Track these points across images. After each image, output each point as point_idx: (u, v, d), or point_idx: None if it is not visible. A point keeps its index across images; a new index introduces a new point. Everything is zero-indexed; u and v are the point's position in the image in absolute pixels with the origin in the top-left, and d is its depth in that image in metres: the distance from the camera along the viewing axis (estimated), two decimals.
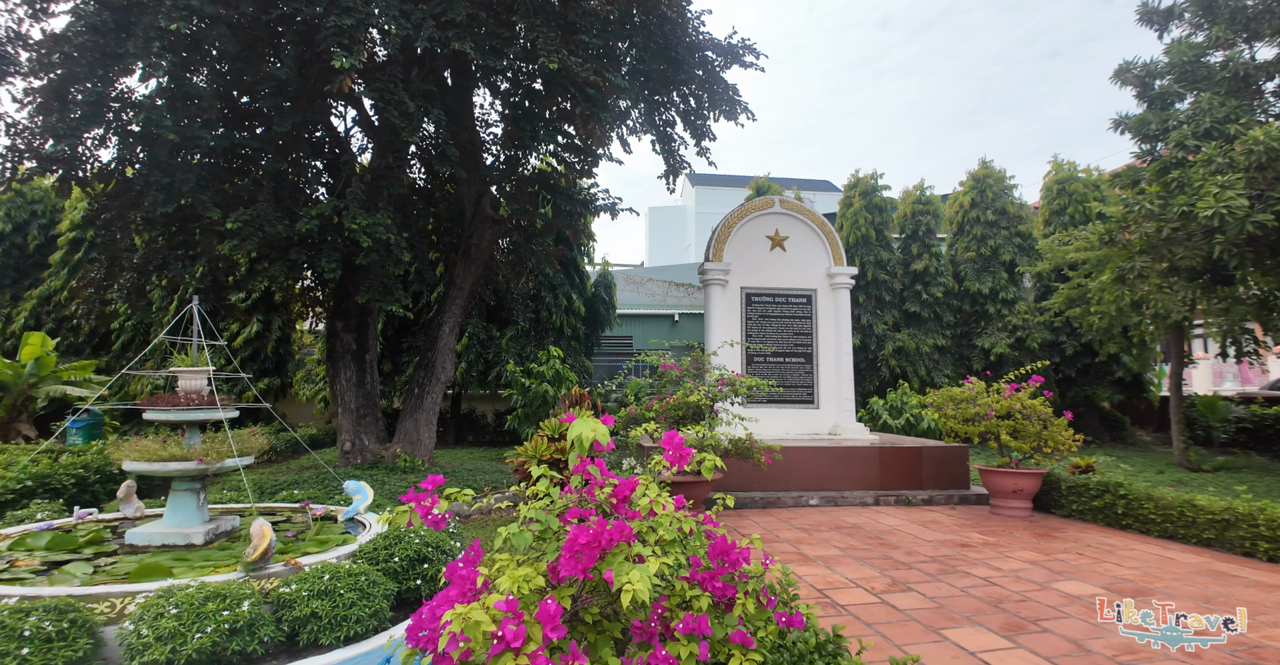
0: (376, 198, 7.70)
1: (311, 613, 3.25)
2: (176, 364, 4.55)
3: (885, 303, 17.52)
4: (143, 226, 7.96)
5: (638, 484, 2.55)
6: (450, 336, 10.21)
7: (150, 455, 4.09)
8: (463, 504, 8.14)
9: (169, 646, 2.80)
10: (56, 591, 3.11)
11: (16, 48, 8.53)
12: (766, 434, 8.89)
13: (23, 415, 12.54)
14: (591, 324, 17.64)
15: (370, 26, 6.83)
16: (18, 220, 16.98)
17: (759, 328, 10.64)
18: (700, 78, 10.11)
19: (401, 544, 4.01)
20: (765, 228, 10.84)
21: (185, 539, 4.13)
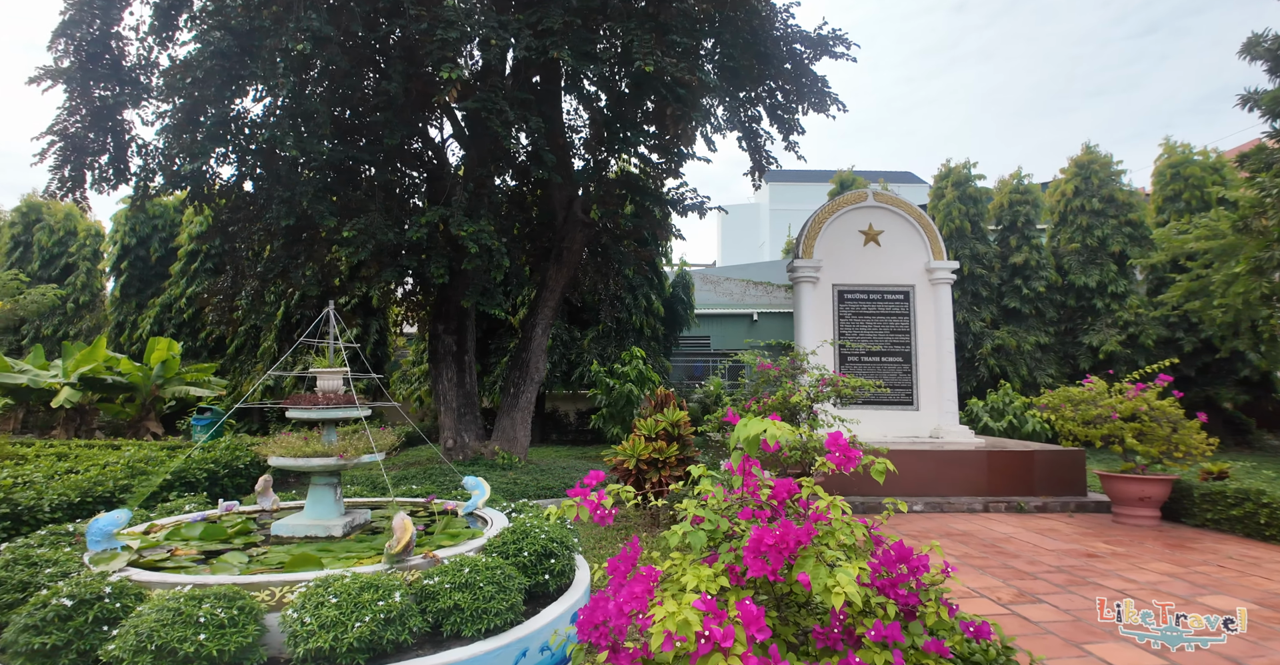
0: (479, 205, 7.93)
1: (454, 605, 3.33)
2: (315, 365, 4.79)
3: (982, 298, 16.73)
4: (264, 237, 8.48)
5: (796, 487, 2.49)
6: (542, 338, 10.41)
7: (295, 451, 4.33)
8: None
9: (331, 634, 2.93)
10: (221, 580, 3.31)
11: (149, 74, 9.27)
12: (862, 436, 8.60)
13: (151, 414, 13.62)
14: (670, 324, 17.64)
15: (473, 39, 7.03)
16: (141, 234, 18.43)
17: (852, 326, 10.34)
18: (788, 71, 9.92)
19: (528, 539, 4.08)
20: (858, 222, 10.52)
21: (325, 531, 4.34)
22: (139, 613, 2.94)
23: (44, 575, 3.44)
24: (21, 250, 19.94)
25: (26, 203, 20.36)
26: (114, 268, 18.19)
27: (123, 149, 9.32)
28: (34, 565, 3.52)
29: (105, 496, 6.29)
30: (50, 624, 2.93)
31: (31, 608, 3.00)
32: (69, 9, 8.30)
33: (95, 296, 19.33)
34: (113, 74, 8.82)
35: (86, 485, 6.15)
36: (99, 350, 12.53)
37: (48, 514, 5.65)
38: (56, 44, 8.32)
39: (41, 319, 18.44)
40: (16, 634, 2.92)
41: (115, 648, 2.79)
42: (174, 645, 2.77)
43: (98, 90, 8.83)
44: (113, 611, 3.05)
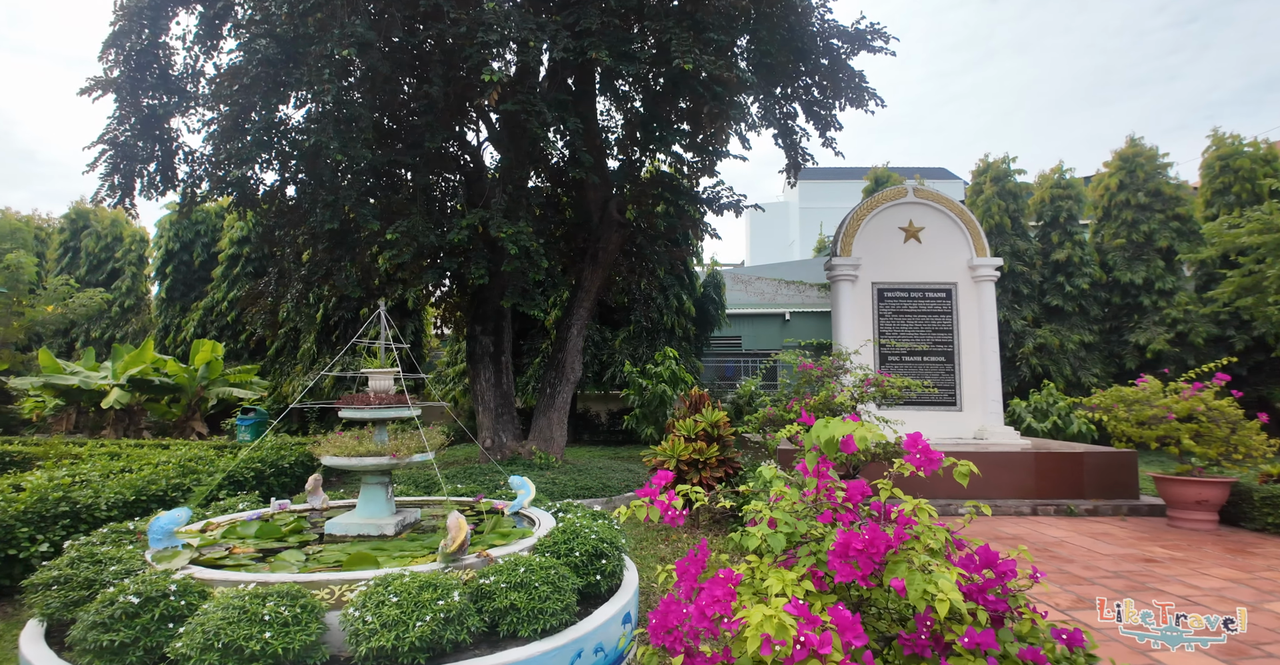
0: (517, 207, 7.95)
1: (510, 604, 3.32)
2: (366, 366, 4.82)
3: (1023, 296, 16.34)
4: (309, 241, 8.62)
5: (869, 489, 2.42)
6: (578, 338, 10.41)
7: (349, 451, 4.36)
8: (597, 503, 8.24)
9: (393, 633, 2.93)
10: (283, 578, 3.33)
11: (195, 83, 9.48)
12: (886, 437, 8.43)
13: (196, 414, 13.94)
14: (701, 324, 17.53)
15: (511, 41, 7.05)
16: (184, 239, 18.90)
17: (893, 325, 10.16)
18: (825, 67, 9.80)
19: (579, 539, 4.05)
20: (897, 219, 10.33)
21: (378, 530, 4.37)
22: (205, 610, 2.97)
23: (108, 572, 3.50)
24: (70, 256, 20.61)
25: (75, 210, 21.03)
26: (159, 272, 18.69)
27: (170, 156, 9.56)
28: (98, 563, 3.59)
29: (159, 495, 6.43)
30: (118, 621, 2.98)
31: (99, 605, 3.05)
32: (118, 20, 8.53)
33: (140, 300, 19.87)
34: (160, 83, 9.05)
35: (141, 484, 6.29)
36: (147, 352, 12.87)
37: (105, 512, 5.79)
38: (107, 54, 8.56)
39: (90, 322, 19.02)
40: (85, 631, 2.97)
41: (183, 645, 2.83)
42: (240, 643, 2.79)
43: (146, 99, 9.06)
44: (178, 609, 3.09)
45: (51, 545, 5.26)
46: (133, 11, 8.35)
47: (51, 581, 3.49)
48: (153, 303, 19.39)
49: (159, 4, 8.54)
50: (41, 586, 3.50)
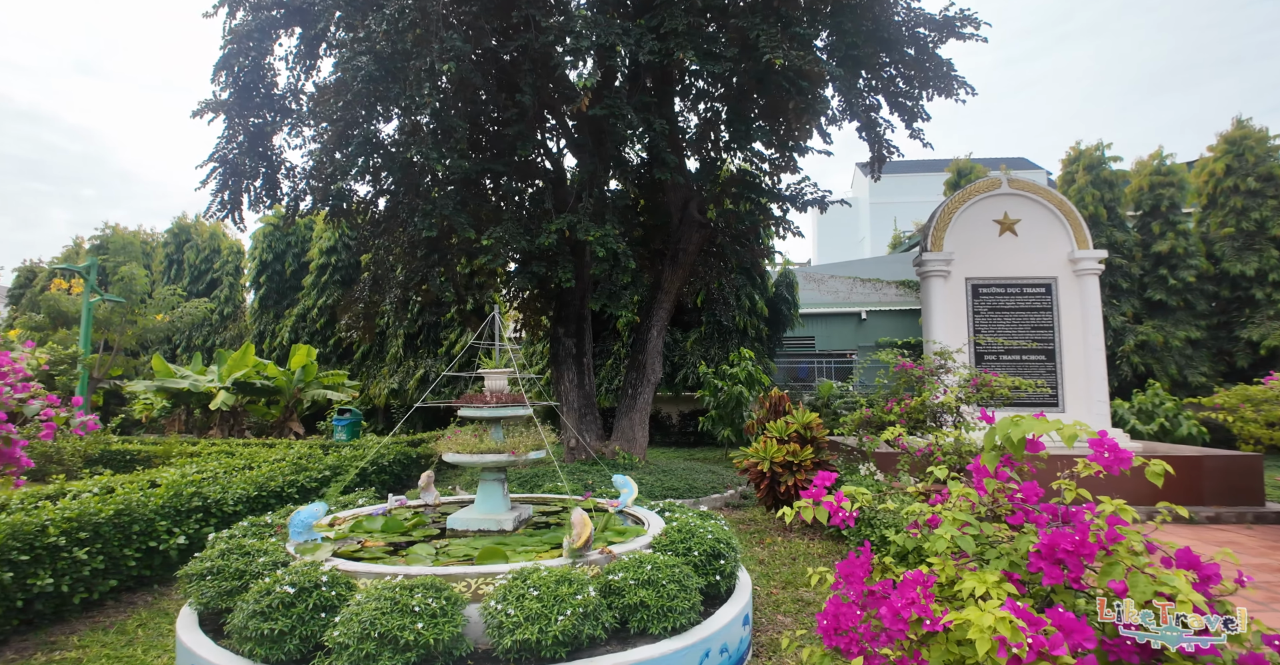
0: (603, 210, 8.03)
1: (640, 601, 3.33)
2: (484, 367, 4.96)
3: (1122, 290, 15.43)
4: (407, 249, 8.94)
5: (1041, 490, 2.31)
6: (658, 339, 10.42)
7: (470, 448, 4.49)
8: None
9: (536, 627, 2.99)
10: (424, 571, 3.45)
11: (296, 100, 9.97)
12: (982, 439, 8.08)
13: (293, 415, 14.67)
14: (773, 325, 17.29)
15: (600, 46, 7.12)
16: (277, 250, 19.94)
17: (988, 322, 9.75)
18: (911, 57, 9.51)
19: (695, 538, 4.04)
20: (991, 211, 9.92)
21: (497, 525, 4.48)
22: (357, 601, 3.09)
23: (257, 564, 3.70)
24: (174, 268, 22.05)
25: (177, 224, 22.49)
26: (254, 282, 19.77)
27: (274, 172, 10.09)
28: (247, 554, 3.80)
29: (277, 490, 6.79)
30: (275, 610, 3.14)
31: (257, 595, 3.22)
32: (228, 43, 9.07)
33: (237, 308, 21.07)
34: (265, 102, 9.57)
35: (261, 480, 6.65)
36: (248, 357, 13.63)
37: (232, 507, 6.14)
38: (219, 77, 9.10)
39: (191, 329, 20.28)
40: (246, 619, 3.14)
41: (340, 634, 2.95)
42: (395, 633, 2.89)
43: (252, 118, 9.59)
44: (329, 599, 3.23)
45: (187, 538, 5.62)
46: (242, 35, 8.86)
47: (205, 572, 3.71)
48: (248, 310, 20.52)
49: (265, 26, 9.03)
50: (196, 577, 3.73)
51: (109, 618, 4.97)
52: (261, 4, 9.24)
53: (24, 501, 5.06)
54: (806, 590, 5.67)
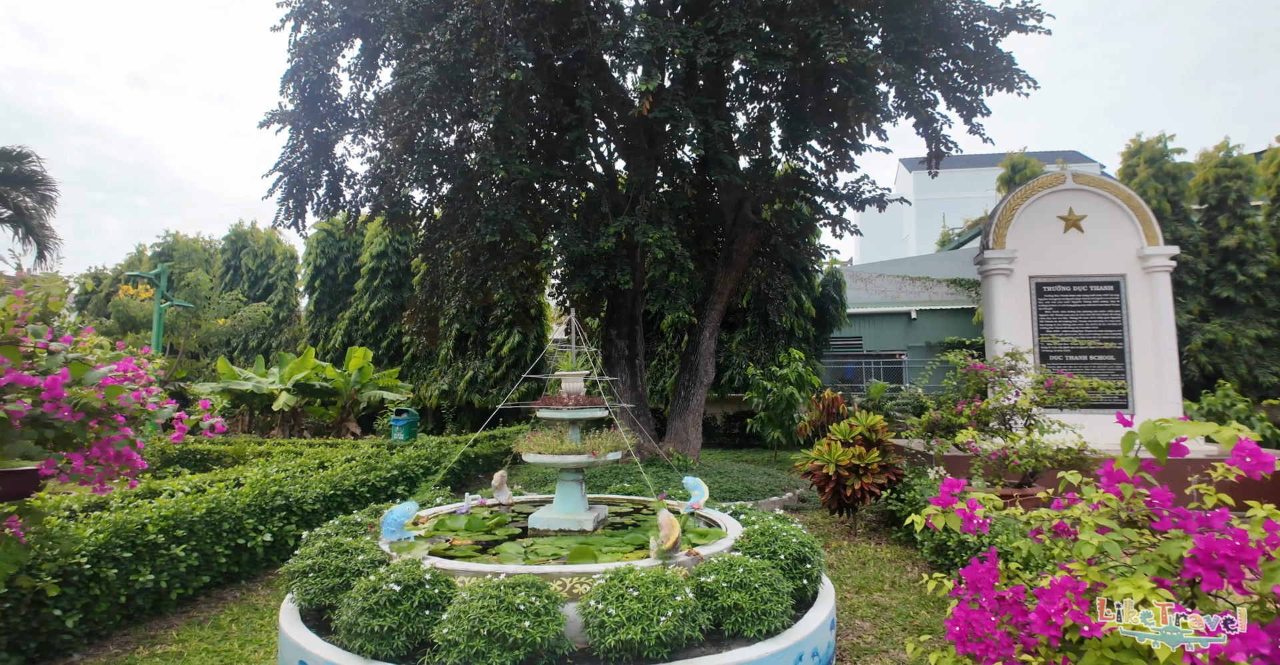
0: (660, 213, 8.06)
1: (734, 604, 3.34)
2: (561, 369, 5.03)
3: (1188, 287, 14.86)
4: (469, 253, 9.11)
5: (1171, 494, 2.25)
6: (710, 341, 10.41)
7: (551, 449, 4.56)
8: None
9: (639, 627, 3.02)
10: (520, 569, 3.51)
11: (358, 110, 10.24)
12: (1069, 443, 7.84)
13: (350, 415, 15.05)
14: (820, 325, 17.10)
15: (660, 49, 7.15)
16: (329, 255, 20.48)
17: (1053, 321, 9.50)
18: (970, 51, 9.32)
19: (779, 541, 4.04)
20: (1056, 207, 9.67)
21: (577, 525, 4.54)
22: (463, 599, 3.17)
23: (357, 562, 3.80)
24: (231, 273, 22.82)
25: (234, 232, 23.26)
26: (308, 286, 20.34)
27: (336, 181, 10.39)
28: (346, 553, 3.90)
29: (350, 490, 6.98)
30: (383, 607, 3.23)
31: (363, 592, 3.31)
32: (294, 56, 9.37)
33: (292, 312, 21.72)
34: (328, 112, 9.85)
35: (335, 479, 6.85)
36: (308, 359, 14.03)
37: (310, 505, 6.34)
38: (286, 88, 9.41)
39: (249, 333, 20.97)
40: (355, 616, 3.23)
41: (449, 631, 3.02)
42: (503, 631, 2.95)
43: (316, 128, 9.89)
44: (432, 597, 3.31)
45: (272, 535, 5.82)
46: (306, 48, 9.14)
47: (307, 569, 3.83)
48: (303, 314, 21.12)
49: (328, 39, 9.31)
50: (298, 574, 3.86)
51: (202, 613, 5.17)
52: (324, 17, 9.52)
53: (124, 500, 5.29)
54: (881, 595, 5.60)
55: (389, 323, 19.67)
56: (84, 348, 3.01)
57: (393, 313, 19.64)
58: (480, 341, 18.26)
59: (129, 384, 2.93)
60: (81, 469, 3.01)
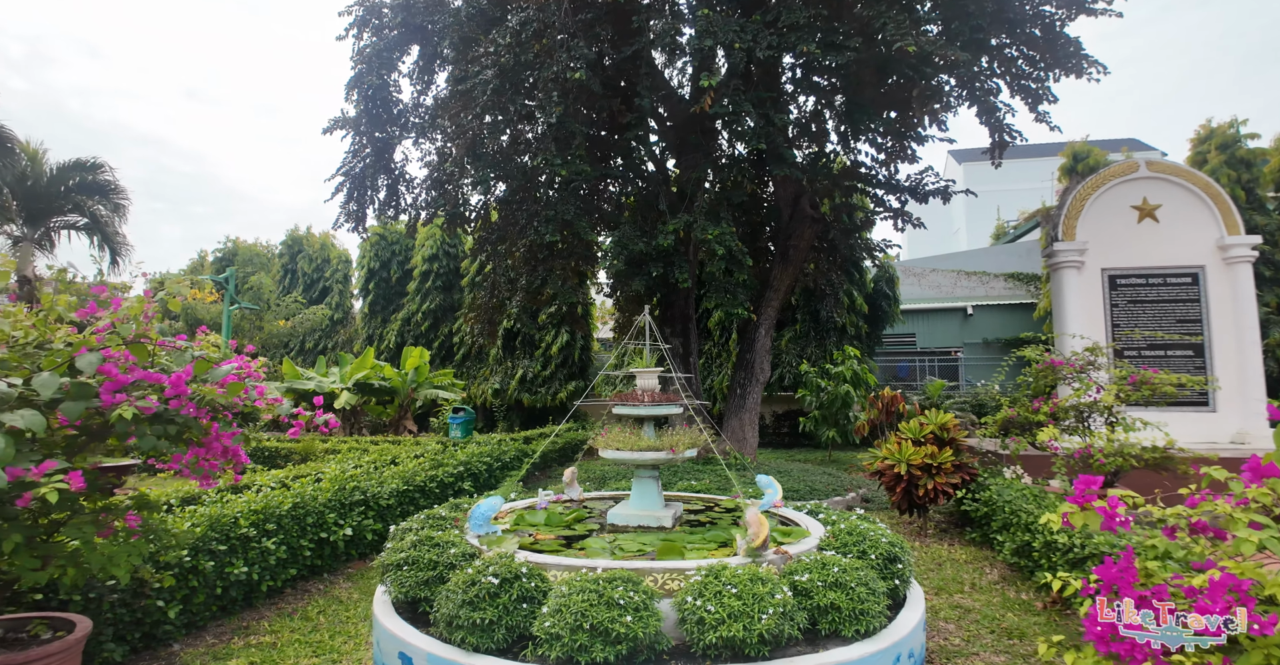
0: (718, 209, 8.02)
1: (830, 603, 3.30)
2: (635, 366, 5.05)
3: (1264, 280, 14.13)
4: (527, 253, 9.23)
5: None
6: (766, 338, 10.32)
7: (630, 445, 4.58)
8: None
9: (740, 624, 3.00)
10: (613, 564, 3.52)
11: (418, 115, 10.44)
12: (1152, 440, 7.52)
13: (408, 414, 15.38)
14: (872, 321, 16.79)
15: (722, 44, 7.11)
16: (383, 258, 20.96)
17: (1127, 315, 9.14)
18: (1036, 37, 9.03)
19: (868, 541, 3.98)
20: (1129, 197, 9.30)
21: (656, 521, 4.54)
22: (562, 593, 3.19)
23: (449, 555, 3.87)
24: (289, 277, 23.56)
25: (290, 236, 24.01)
26: (363, 289, 20.86)
27: (395, 185, 10.62)
28: (438, 546, 3.98)
29: (420, 485, 7.13)
30: (483, 601, 3.27)
31: (462, 586, 3.36)
32: (357, 64, 9.60)
33: (347, 314, 22.30)
34: (389, 118, 10.08)
35: (407, 475, 7.00)
36: (368, 359, 14.39)
37: (385, 500, 6.49)
38: (351, 95, 9.66)
39: (307, 334, 21.61)
40: (456, 609, 3.28)
41: (551, 624, 3.06)
42: (606, 625, 2.97)
43: (377, 133, 10.12)
44: (529, 591, 3.35)
45: (353, 529, 5.98)
46: (369, 56, 9.36)
47: (401, 562, 3.91)
48: (358, 315, 21.66)
49: (389, 46, 9.52)
50: (393, 567, 3.94)
51: (290, 604, 5.34)
52: (384, 24, 9.74)
53: (219, 494, 5.50)
54: (961, 596, 5.47)
55: (440, 323, 20.04)
56: (206, 345, 3.14)
57: (443, 313, 20.00)
58: (528, 341, 18.45)
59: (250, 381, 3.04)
60: (204, 463, 3.13)
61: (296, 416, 3.55)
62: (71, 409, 2.49)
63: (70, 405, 2.50)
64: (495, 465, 8.89)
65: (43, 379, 2.42)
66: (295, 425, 3.56)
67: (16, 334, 2.88)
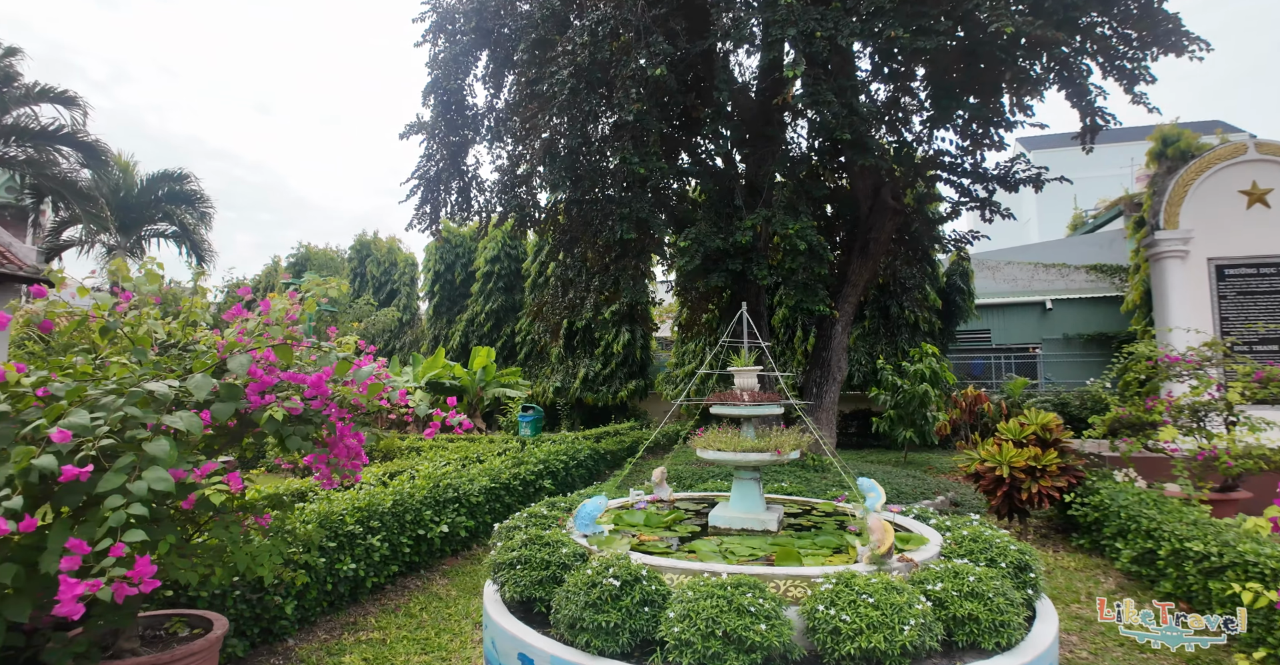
0: (797, 202, 7.84)
1: (968, 614, 3.14)
2: (734, 364, 4.96)
3: None
4: (602, 252, 9.23)
5: None
6: (844, 335, 10.06)
7: (733, 446, 4.48)
8: None
9: (880, 635, 2.88)
10: (729, 569, 3.43)
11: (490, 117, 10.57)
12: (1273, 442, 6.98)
13: (476, 412, 15.66)
14: (946, 317, 16.20)
15: (804, 33, 6.93)
16: (447, 261, 21.41)
17: (1236, 307, 8.55)
18: (1133, 13, 8.53)
19: (995, 548, 3.78)
20: (1236, 181, 8.70)
21: (761, 525, 4.44)
22: (689, 598, 3.12)
23: (561, 555, 3.85)
24: (358, 281, 24.31)
25: (359, 242, 24.76)
26: (428, 291, 21.37)
27: (467, 188, 10.78)
28: (548, 545, 3.96)
29: (505, 483, 7.20)
30: (606, 603, 3.23)
31: (583, 587, 3.32)
32: (433, 70, 9.79)
33: (414, 315, 22.89)
34: (463, 122, 10.24)
35: (493, 473, 7.09)
36: (439, 359, 14.72)
37: (475, 497, 6.57)
38: (427, 100, 9.86)
39: (377, 335, 22.28)
40: (580, 611, 3.24)
41: (681, 631, 2.98)
42: (739, 632, 2.89)
43: (451, 136, 10.29)
44: (650, 594, 3.29)
45: (448, 526, 6.06)
46: (444, 61, 9.53)
47: (514, 562, 3.91)
48: (424, 317, 22.21)
49: (463, 51, 9.66)
50: (505, 566, 3.95)
51: (392, 600, 5.44)
52: (456, 30, 9.89)
53: (328, 493, 5.65)
54: (1079, 607, 5.19)
55: (502, 323, 20.33)
56: (346, 347, 3.21)
57: (505, 314, 20.29)
58: (588, 340, 18.53)
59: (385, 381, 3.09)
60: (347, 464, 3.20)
61: (433, 417, 3.58)
62: (222, 410, 2.56)
63: (220, 406, 2.57)
64: (571, 463, 8.93)
65: (196, 381, 2.48)
66: (432, 426, 3.60)
67: (161, 336, 2.98)
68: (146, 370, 2.48)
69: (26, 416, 2.32)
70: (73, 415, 2.04)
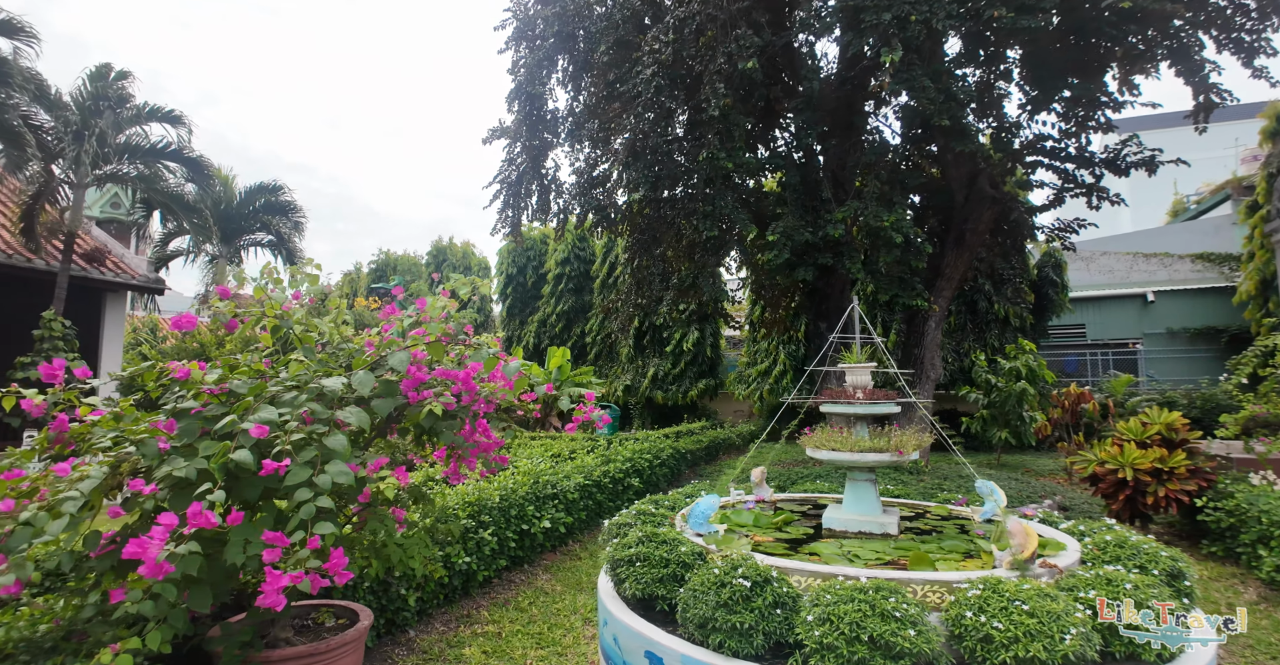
0: (891, 194, 7.61)
1: (1129, 623, 2.95)
2: (845, 361, 4.86)
3: None
4: (684, 250, 9.21)
5: None
6: (937, 332, 9.70)
7: (849, 446, 4.38)
8: None
9: (1039, 644, 2.74)
10: (864, 573, 3.34)
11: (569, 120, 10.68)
12: None
13: (552, 410, 15.89)
14: (1037, 312, 15.45)
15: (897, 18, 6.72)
16: (519, 264, 21.87)
17: None
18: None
19: (1144, 554, 3.56)
20: None
21: (880, 528, 4.32)
22: (827, 602, 3.05)
23: (680, 553, 3.83)
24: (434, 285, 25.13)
25: (435, 247, 25.61)
26: (501, 294, 21.89)
27: (546, 191, 10.96)
28: (665, 543, 3.96)
29: (597, 480, 7.27)
30: (738, 604, 3.19)
31: (713, 586, 3.29)
32: (516, 76, 9.98)
33: (488, 318, 23.50)
34: (544, 125, 10.41)
35: (586, 470, 7.17)
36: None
37: (571, 493, 6.66)
38: (511, 106, 10.08)
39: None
40: (711, 610, 3.21)
41: (822, 634, 2.92)
42: (887, 638, 2.80)
43: (533, 141, 10.48)
44: (781, 596, 3.23)
45: (550, 521, 6.16)
46: (529, 66, 9.70)
47: (633, 558, 3.92)
48: (498, 318, 22.77)
49: (543, 56, 9.82)
50: (624, 563, 3.96)
51: (500, 594, 5.57)
52: (537, 35, 10.06)
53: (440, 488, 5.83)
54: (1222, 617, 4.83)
55: (572, 324, 20.62)
56: (492, 344, 3.31)
57: (575, 314, 20.57)
58: (658, 339, 18.56)
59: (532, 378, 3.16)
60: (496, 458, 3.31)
61: (575, 412, 3.65)
62: (383, 405, 2.66)
63: (381, 402, 2.67)
64: (655, 462, 8.95)
65: (360, 377, 2.59)
66: (573, 420, 3.67)
67: (330, 336, 3.12)
68: (318, 368, 2.60)
69: (208, 412, 2.46)
70: (263, 411, 2.16)
